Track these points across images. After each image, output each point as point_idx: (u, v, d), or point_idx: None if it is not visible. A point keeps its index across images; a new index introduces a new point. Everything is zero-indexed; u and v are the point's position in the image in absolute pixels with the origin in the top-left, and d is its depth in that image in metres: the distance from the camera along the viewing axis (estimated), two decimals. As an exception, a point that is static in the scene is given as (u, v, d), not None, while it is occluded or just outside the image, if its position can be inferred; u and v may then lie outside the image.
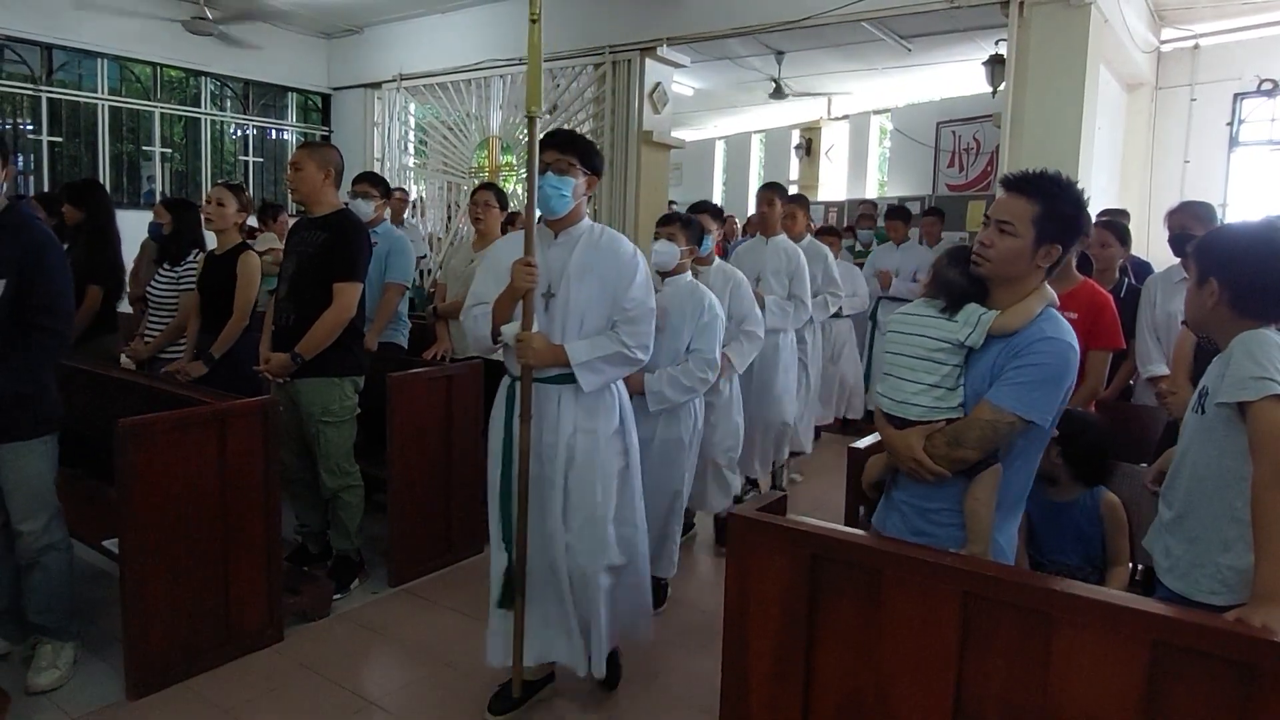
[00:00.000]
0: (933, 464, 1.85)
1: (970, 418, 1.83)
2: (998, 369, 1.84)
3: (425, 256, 7.81)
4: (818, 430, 5.66)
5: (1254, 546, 1.62)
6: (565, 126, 7.89)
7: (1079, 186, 1.91)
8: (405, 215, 7.84)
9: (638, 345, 2.53)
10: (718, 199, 13.53)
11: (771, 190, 4.67)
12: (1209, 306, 1.79)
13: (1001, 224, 1.86)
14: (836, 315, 5.30)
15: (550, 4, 8.59)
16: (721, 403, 3.69)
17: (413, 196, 8.98)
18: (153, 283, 4.23)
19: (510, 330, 2.41)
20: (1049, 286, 1.92)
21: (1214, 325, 1.82)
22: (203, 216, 3.80)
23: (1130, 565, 2.51)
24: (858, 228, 7.48)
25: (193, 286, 3.88)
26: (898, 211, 6.66)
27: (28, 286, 2.52)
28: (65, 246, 4.54)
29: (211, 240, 3.86)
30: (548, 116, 7.95)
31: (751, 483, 4.56)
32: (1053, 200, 1.84)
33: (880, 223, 8.61)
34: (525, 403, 2.45)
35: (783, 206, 4.68)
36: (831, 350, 5.66)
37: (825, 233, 5.88)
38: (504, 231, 4.45)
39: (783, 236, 4.60)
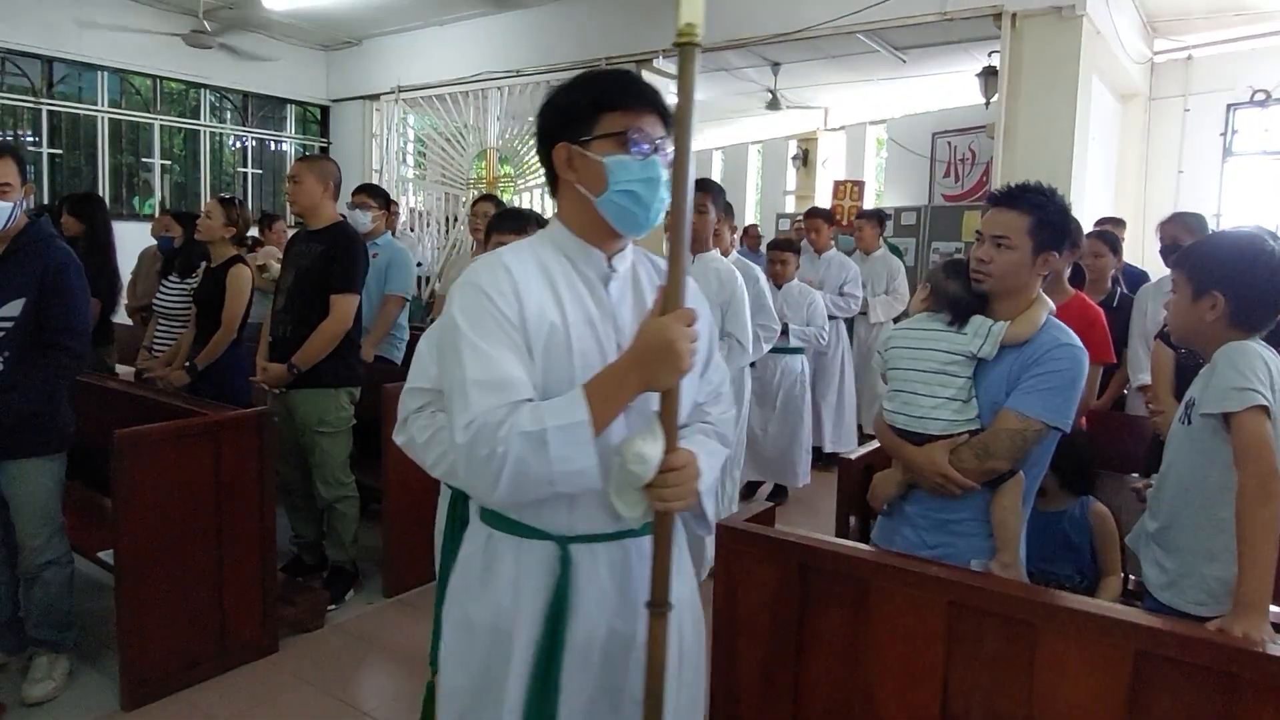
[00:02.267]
0: (961, 477, 1.86)
1: (997, 428, 1.85)
2: (1013, 378, 1.87)
3: (421, 265, 7.84)
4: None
5: (1237, 556, 1.64)
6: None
7: (1060, 194, 1.95)
8: (399, 227, 7.88)
9: (730, 435, 1.55)
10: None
11: (702, 192, 3.47)
12: (1209, 319, 1.80)
13: (998, 239, 1.90)
14: (792, 350, 4.64)
15: (547, 17, 8.65)
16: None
17: (412, 206, 9.02)
18: (160, 293, 4.25)
19: (653, 454, 1.21)
20: (1044, 294, 1.96)
21: (1205, 337, 1.83)
22: (195, 229, 3.82)
23: (1122, 575, 2.52)
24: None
25: (192, 298, 3.91)
26: (817, 212, 5.76)
27: (46, 305, 2.55)
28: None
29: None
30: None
31: None
32: (1043, 210, 1.89)
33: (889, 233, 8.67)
34: (662, 583, 1.28)
35: (716, 213, 3.58)
36: (781, 396, 4.69)
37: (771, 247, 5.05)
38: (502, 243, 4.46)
39: (714, 253, 3.58)
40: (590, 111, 1.30)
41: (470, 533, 1.45)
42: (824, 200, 11.93)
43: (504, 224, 2.32)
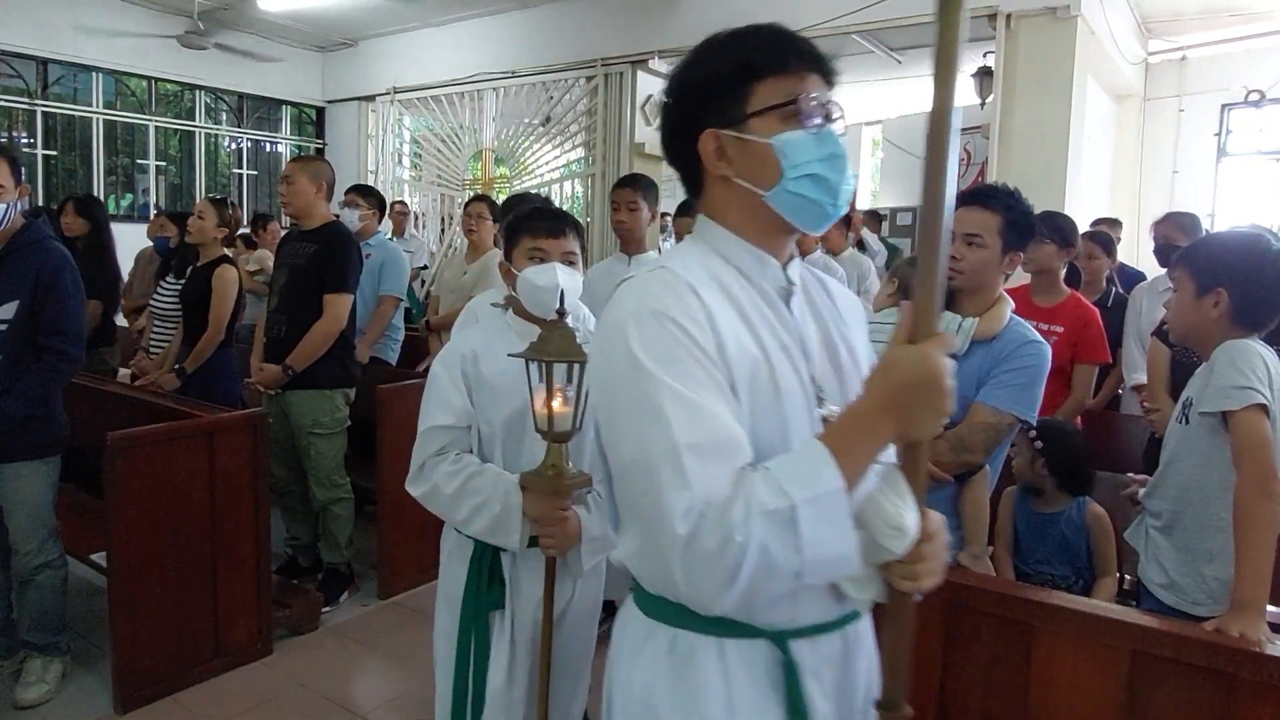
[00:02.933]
0: (937, 470, 1.87)
1: (972, 422, 1.87)
2: (984, 372, 1.89)
3: (426, 268, 7.84)
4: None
5: (1235, 554, 1.64)
6: (558, 139, 7.94)
7: (1025, 196, 2.02)
8: (407, 228, 7.86)
9: None
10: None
11: (631, 188, 3.34)
12: (1212, 317, 1.81)
13: (970, 237, 1.94)
14: None
15: (542, 18, 8.64)
16: None
17: (410, 209, 9.02)
18: (156, 295, 4.25)
19: (911, 523, 0.95)
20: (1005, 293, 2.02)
21: (1207, 335, 1.84)
22: (186, 230, 3.81)
23: (1118, 575, 2.52)
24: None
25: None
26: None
27: (40, 308, 2.53)
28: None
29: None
30: (542, 129, 7.99)
31: None
32: (1011, 210, 1.95)
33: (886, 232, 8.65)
34: (898, 679, 1.05)
35: (649, 209, 3.34)
36: None
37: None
38: (498, 244, 4.46)
39: (651, 254, 3.42)
40: (741, 82, 1.04)
41: (632, 633, 1.09)
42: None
43: (538, 225, 1.87)
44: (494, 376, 1.81)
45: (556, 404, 1.59)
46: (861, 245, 6.04)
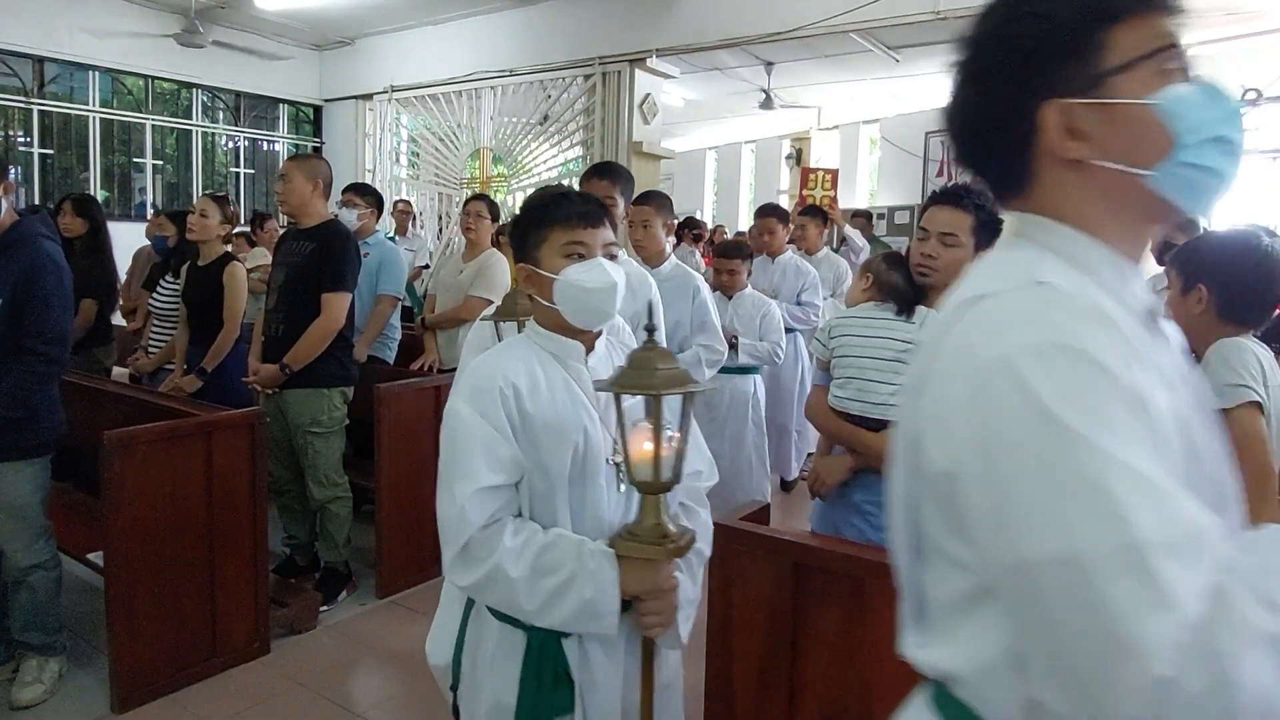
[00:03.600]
0: None
1: None
2: None
3: (428, 267, 7.84)
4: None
5: None
6: (556, 138, 7.93)
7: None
8: (410, 227, 7.86)
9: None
10: (709, 209, 13.59)
11: (645, 204, 3.23)
12: (1196, 313, 1.82)
13: (945, 236, 1.97)
14: (742, 370, 3.94)
15: (540, 16, 8.64)
16: None
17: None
18: (156, 294, 4.24)
19: None
20: None
21: (1196, 332, 1.85)
22: (187, 227, 3.80)
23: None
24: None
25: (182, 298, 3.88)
26: (771, 210, 5.07)
27: (21, 309, 2.48)
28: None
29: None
30: (539, 128, 7.99)
31: None
32: (981, 210, 1.97)
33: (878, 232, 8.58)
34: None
35: (664, 219, 3.28)
36: (730, 423, 3.94)
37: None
38: (495, 243, 4.45)
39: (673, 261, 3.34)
40: (1089, 31, 0.78)
41: None
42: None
43: (573, 213, 1.51)
44: (545, 414, 1.41)
45: (659, 446, 1.29)
46: (844, 242, 5.98)
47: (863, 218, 7.66)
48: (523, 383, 1.42)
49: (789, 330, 4.36)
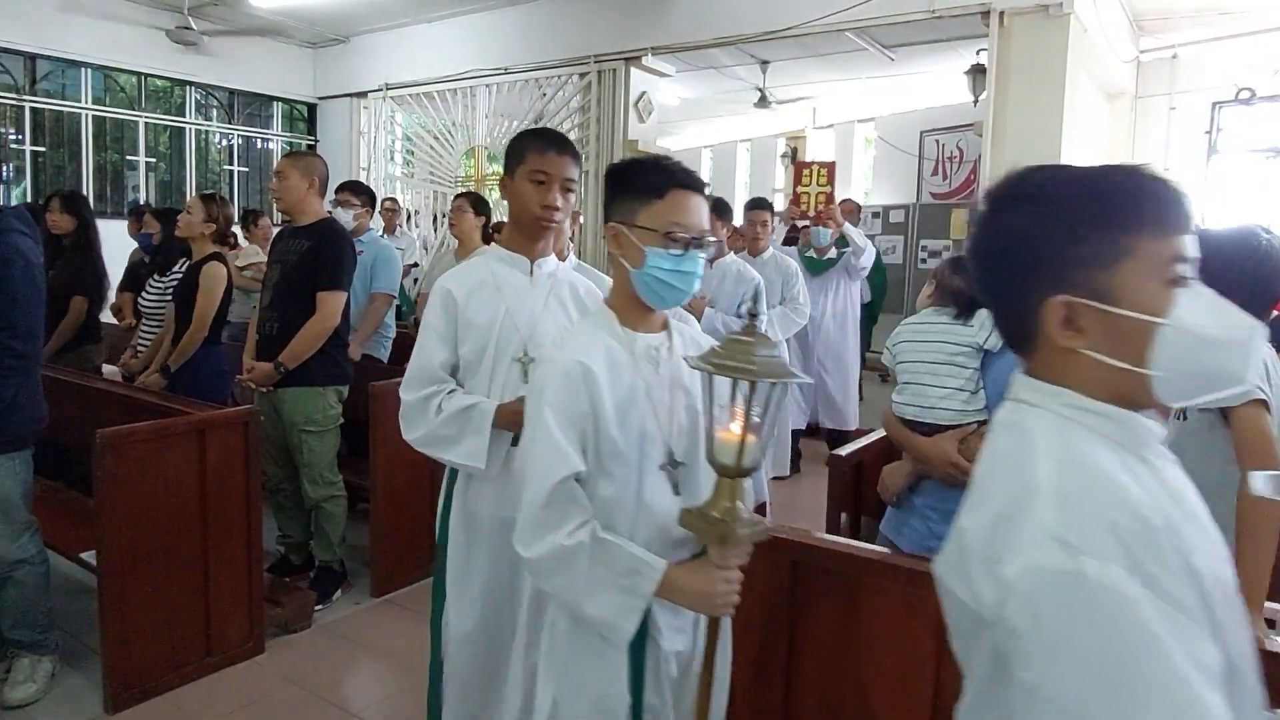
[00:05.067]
0: (971, 466, 1.87)
1: None
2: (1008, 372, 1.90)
3: (417, 265, 7.82)
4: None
5: (1235, 550, 1.64)
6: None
7: None
8: (399, 225, 7.84)
9: None
10: (705, 208, 13.55)
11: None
12: None
13: None
14: None
15: (536, 14, 8.61)
16: None
17: (403, 206, 8.99)
18: (144, 294, 4.22)
19: None
20: None
21: None
22: (175, 226, 3.78)
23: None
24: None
25: (172, 297, 3.87)
26: (762, 202, 4.79)
27: None
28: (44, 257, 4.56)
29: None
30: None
31: None
32: None
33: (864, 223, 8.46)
34: None
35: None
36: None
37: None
38: (487, 240, 4.44)
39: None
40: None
41: None
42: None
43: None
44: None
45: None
46: (843, 240, 5.50)
47: (849, 204, 7.13)
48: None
49: None
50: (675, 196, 1.41)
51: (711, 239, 1.44)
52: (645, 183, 1.42)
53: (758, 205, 4.75)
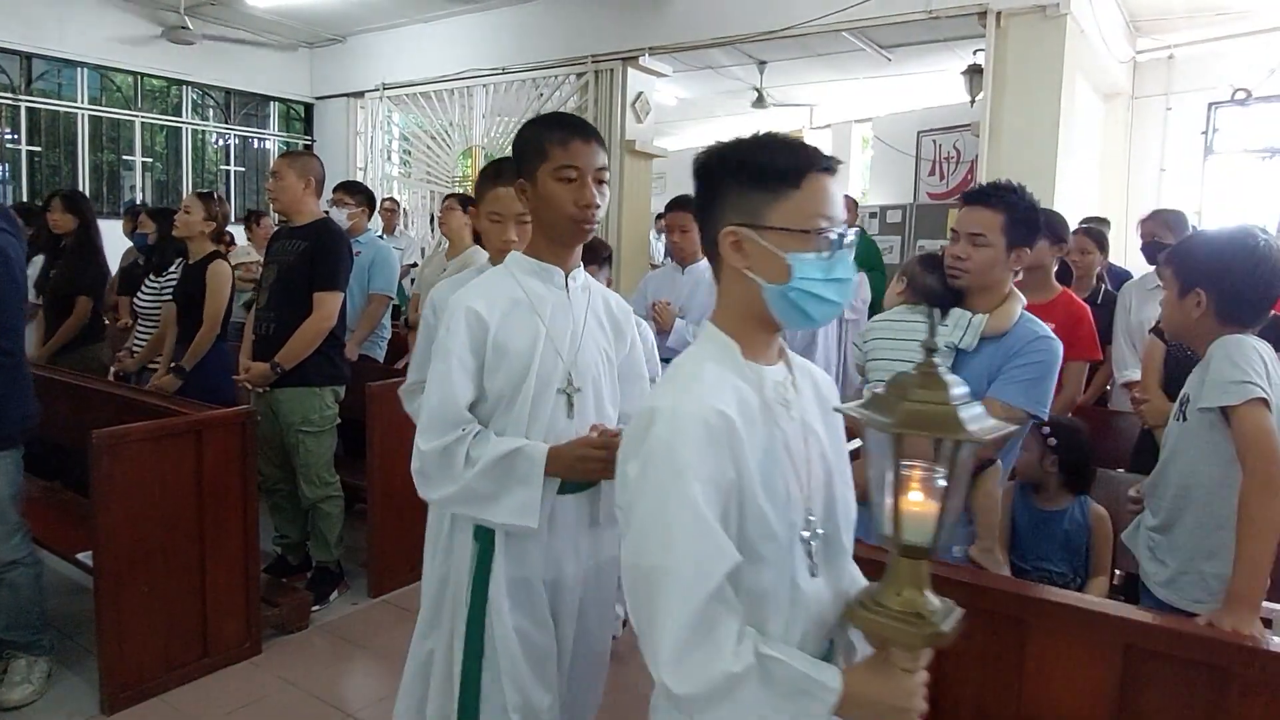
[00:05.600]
0: None
1: None
2: (994, 368, 1.91)
3: (416, 265, 7.81)
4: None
5: (1235, 549, 1.64)
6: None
7: (1030, 191, 2.01)
8: (397, 225, 7.83)
9: None
10: (702, 208, 13.56)
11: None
12: (1194, 317, 1.81)
13: (974, 236, 1.95)
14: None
15: (533, 14, 8.61)
16: None
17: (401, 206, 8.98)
18: (140, 294, 4.22)
19: None
20: (1018, 290, 2.02)
21: (1196, 334, 1.84)
22: (173, 225, 3.77)
23: (1111, 572, 2.53)
24: None
25: (171, 297, 3.86)
26: (682, 202, 3.71)
27: None
28: (40, 256, 4.56)
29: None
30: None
31: None
32: (1014, 208, 1.96)
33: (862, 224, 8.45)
34: None
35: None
36: None
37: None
38: (477, 239, 4.42)
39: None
40: None
41: None
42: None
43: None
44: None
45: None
46: None
47: (849, 200, 7.12)
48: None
49: None
50: (815, 183, 1.09)
51: (851, 232, 1.12)
52: (773, 169, 1.09)
53: (678, 205, 4.02)
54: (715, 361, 1.12)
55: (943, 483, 1.02)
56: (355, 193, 4.46)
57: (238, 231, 6.64)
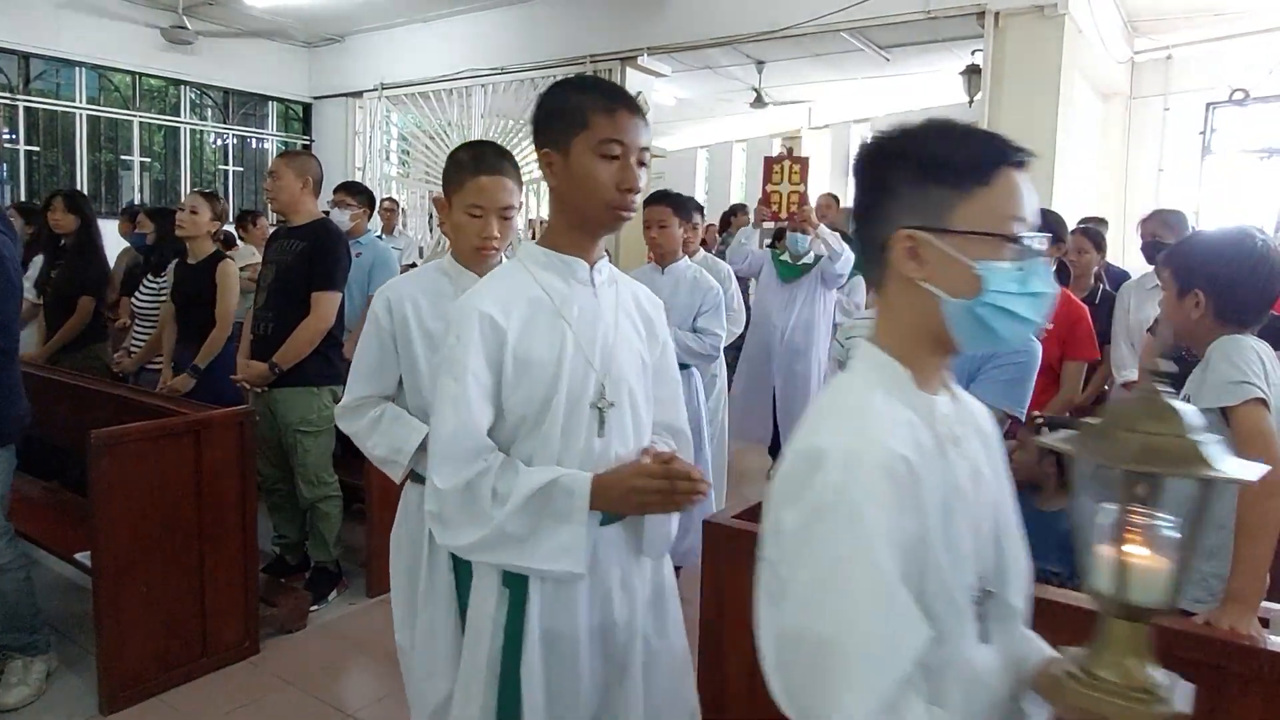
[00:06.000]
0: None
1: None
2: (973, 368, 1.91)
3: (414, 265, 7.80)
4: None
5: (1233, 549, 1.64)
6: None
7: None
8: (396, 225, 7.82)
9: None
10: (700, 208, 13.57)
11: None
12: (1194, 318, 1.81)
13: None
14: None
15: (531, 14, 8.61)
16: None
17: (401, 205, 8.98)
18: (138, 294, 4.22)
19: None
20: None
21: (1195, 335, 1.85)
22: (175, 224, 3.77)
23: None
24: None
25: (170, 297, 3.86)
26: (660, 197, 3.56)
27: None
28: (40, 256, 4.56)
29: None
30: (530, 126, 7.97)
31: None
32: None
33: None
34: None
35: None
36: None
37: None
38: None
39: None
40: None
41: None
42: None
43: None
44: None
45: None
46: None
47: (826, 198, 6.25)
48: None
49: (683, 367, 2.84)
50: (1008, 179, 0.92)
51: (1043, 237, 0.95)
52: (959, 162, 0.92)
53: (654, 200, 3.69)
54: (885, 391, 0.94)
55: (1173, 532, 0.87)
56: (357, 193, 4.46)
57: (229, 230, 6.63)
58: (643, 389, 1.50)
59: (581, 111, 1.35)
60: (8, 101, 7.69)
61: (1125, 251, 6.79)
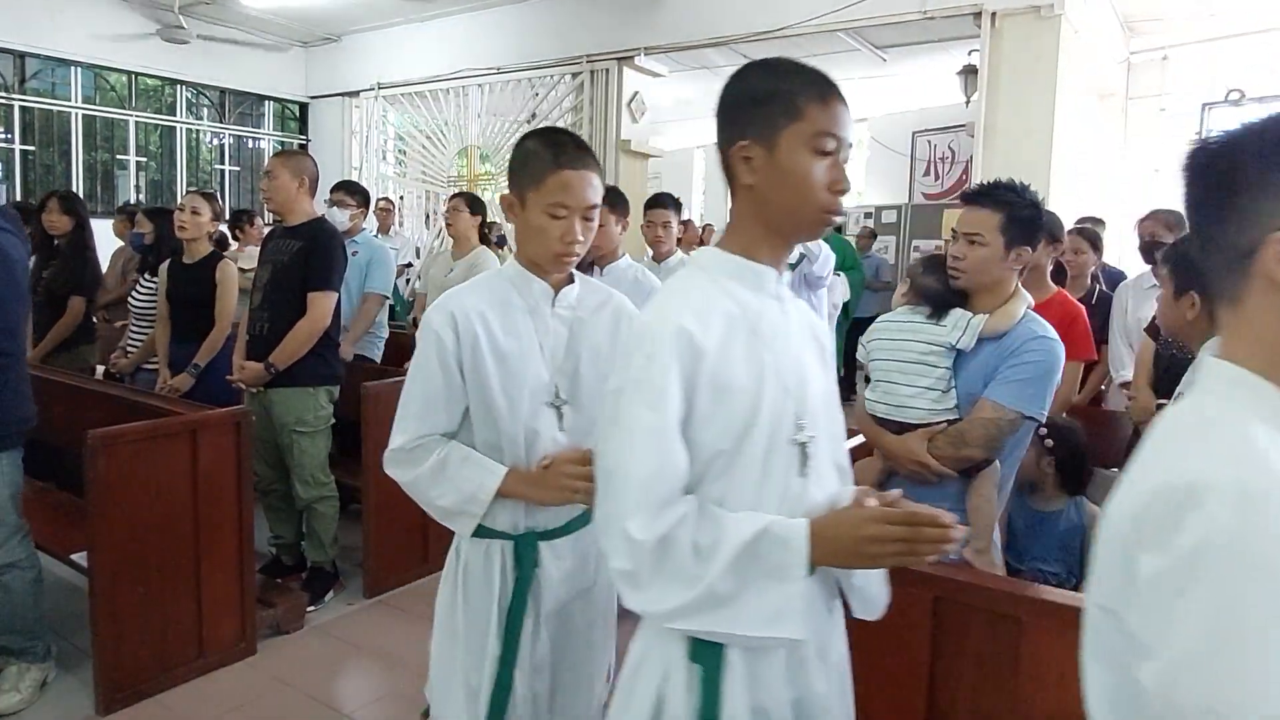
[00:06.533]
0: (938, 465, 1.88)
1: (973, 418, 1.88)
2: (991, 369, 1.91)
3: (410, 265, 7.80)
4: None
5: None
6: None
7: (1033, 189, 2.00)
8: (392, 225, 7.81)
9: None
10: (696, 209, 13.60)
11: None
12: (1189, 318, 1.82)
13: (970, 236, 1.95)
14: None
15: (528, 14, 8.62)
16: None
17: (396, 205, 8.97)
18: (135, 293, 4.21)
19: None
20: (1024, 289, 2.01)
21: (1190, 334, 1.86)
22: (176, 224, 3.76)
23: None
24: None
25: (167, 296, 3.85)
26: (660, 200, 3.96)
27: None
28: (35, 257, 4.54)
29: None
30: (527, 126, 7.97)
31: None
32: (1013, 206, 1.95)
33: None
34: None
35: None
36: None
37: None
38: (484, 239, 4.43)
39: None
40: None
41: None
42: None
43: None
44: None
45: None
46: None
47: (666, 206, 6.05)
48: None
49: None
50: None
51: None
52: None
53: (658, 204, 4.01)
54: (1262, 420, 0.79)
55: None
56: (354, 193, 4.46)
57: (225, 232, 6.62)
58: (834, 421, 1.30)
59: (793, 99, 1.15)
60: (3, 101, 7.67)
61: (1121, 252, 6.81)
